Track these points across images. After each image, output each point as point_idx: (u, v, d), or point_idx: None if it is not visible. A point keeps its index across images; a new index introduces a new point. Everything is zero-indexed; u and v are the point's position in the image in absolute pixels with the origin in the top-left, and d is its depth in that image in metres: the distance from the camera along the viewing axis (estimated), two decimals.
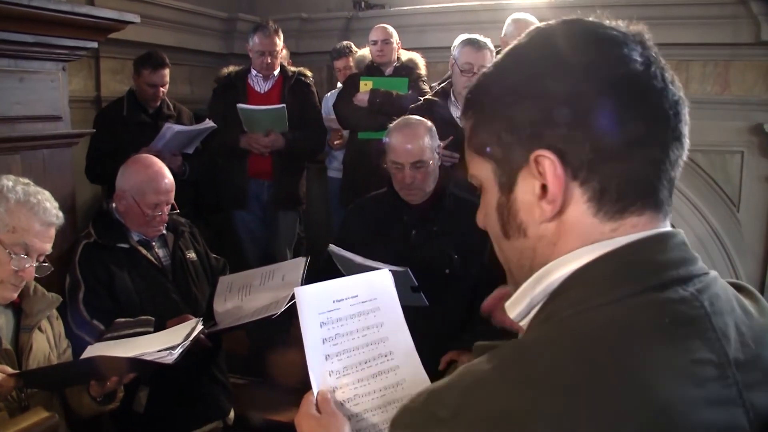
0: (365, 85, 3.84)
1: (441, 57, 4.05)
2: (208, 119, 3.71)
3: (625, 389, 0.59)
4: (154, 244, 2.49)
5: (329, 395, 1.12)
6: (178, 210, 2.53)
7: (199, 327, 2.13)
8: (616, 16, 0.75)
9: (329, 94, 4.61)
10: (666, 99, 0.70)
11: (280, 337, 3.23)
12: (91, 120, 3.73)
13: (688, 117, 0.72)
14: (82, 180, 3.51)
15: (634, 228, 0.70)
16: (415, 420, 0.66)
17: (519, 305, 0.76)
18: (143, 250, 2.42)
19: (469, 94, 0.80)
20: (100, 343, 2.09)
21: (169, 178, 2.44)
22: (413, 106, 3.29)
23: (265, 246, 4.02)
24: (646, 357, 0.61)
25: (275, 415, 3.19)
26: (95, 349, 2.01)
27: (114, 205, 2.43)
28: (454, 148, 2.97)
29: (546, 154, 0.69)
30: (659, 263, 0.68)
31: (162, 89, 3.71)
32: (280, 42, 3.81)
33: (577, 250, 0.71)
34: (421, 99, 3.39)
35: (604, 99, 0.68)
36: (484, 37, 3.21)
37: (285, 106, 3.71)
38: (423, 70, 3.96)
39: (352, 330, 1.19)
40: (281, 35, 3.83)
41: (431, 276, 2.28)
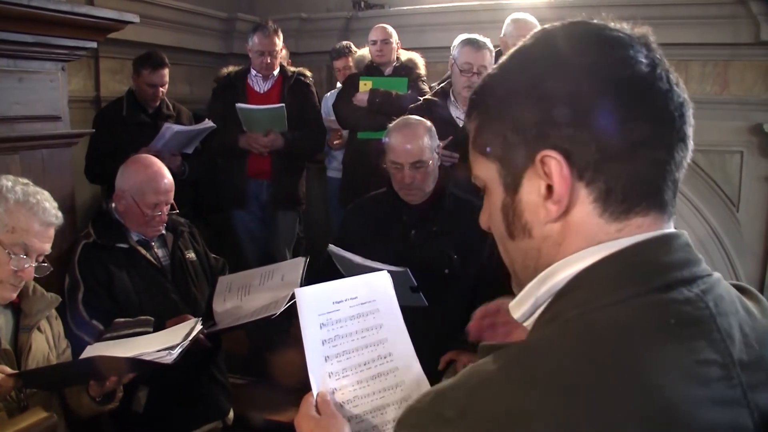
0: (365, 85, 3.84)
1: (440, 57, 4.05)
2: (207, 119, 3.71)
3: (631, 389, 0.59)
4: (154, 244, 2.49)
5: (329, 397, 1.12)
6: (178, 210, 2.53)
7: (198, 327, 2.13)
8: (615, 15, 0.75)
9: (329, 94, 4.61)
10: (671, 101, 0.70)
11: (280, 337, 3.23)
12: (91, 120, 3.73)
13: (692, 119, 0.72)
14: (81, 180, 3.51)
15: (639, 229, 0.70)
16: (421, 420, 0.66)
17: (523, 306, 0.76)
18: (142, 250, 2.42)
19: (474, 95, 0.80)
20: (99, 343, 2.09)
21: (168, 178, 2.44)
22: (413, 106, 3.29)
23: (264, 246, 4.01)
24: (651, 357, 0.61)
25: (275, 415, 3.19)
26: (94, 349, 2.01)
27: (113, 205, 2.43)
28: (453, 148, 2.97)
29: (552, 155, 0.69)
30: (664, 264, 0.68)
31: (161, 89, 3.71)
32: (279, 42, 3.81)
33: (582, 250, 0.71)
34: (421, 99, 3.39)
35: (611, 100, 0.68)
36: (483, 37, 3.21)
37: (284, 105, 3.70)
38: (422, 70, 3.96)
39: (351, 331, 1.18)
40: (281, 35, 3.83)
41: (431, 276, 2.28)
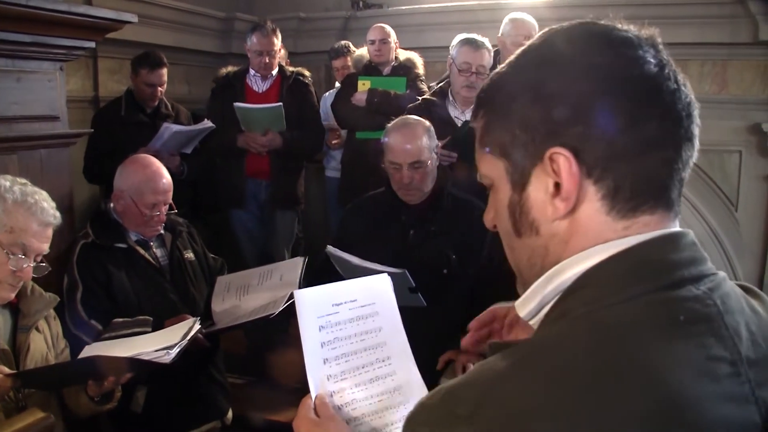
0: (363, 85, 3.84)
1: (439, 57, 4.05)
2: (206, 119, 3.71)
3: (642, 385, 0.60)
4: (152, 244, 2.48)
5: (327, 399, 1.12)
6: (176, 210, 2.53)
7: (197, 326, 2.13)
8: (614, 15, 0.76)
9: (327, 93, 4.61)
10: (679, 100, 0.71)
11: (278, 337, 3.23)
12: (89, 120, 3.73)
13: (698, 119, 0.73)
14: (80, 180, 3.51)
15: (646, 227, 0.71)
16: (432, 417, 0.65)
17: (530, 304, 0.76)
18: (141, 250, 2.42)
19: (482, 93, 0.80)
20: (97, 343, 2.09)
21: (167, 178, 2.43)
22: (411, 105, 3.29)
23: (263, 245, 4.01)
24: (661, 354, 0.62)
25: (274, 414, 3.19)
26: (93, 349, 2.01)
27: (112, 205, 2.43)
28: (451, 148, 2.97)
29: (561, 152, 0.69)
30: (671, 262, 0.68)
31: (160, 89, 3.71)
32: (278, 42, 3.80)
33: (589, 248, 0.71)
34: (419, 99, 3.39)
35: (620, 99, 0.69)
36: (482, 37, 3.21)
37: (281, 104, 3.70)
38: (421, 70, 3.96)
39: (350, 334, 1.18)
40: (279, 35, 3.82)
41: (429, 276, 2.28)
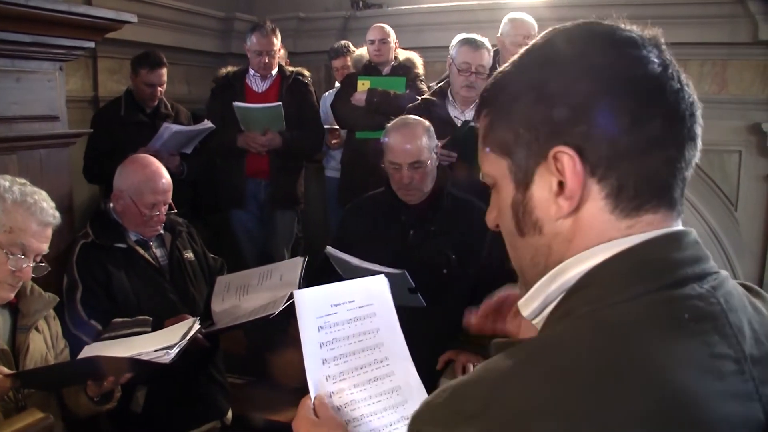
0: (363, 85, 3.84)
1: (438, 56, 4.04)
2: (206, 120, 3.71)
3: (647, 383, 0.60)
4: (152, 244, 2.48)
5: (326, 400, 1.12)
6: (176, 210, 2.53)
7: (196, 326, 2.13)
8: (614, 15, 0.76)
9: (327, 93, 4.61)
10: (683, 100, 0.71)
11: (278, 337, 3.23)
12: (89, 120, 3.73)
13: (701, 119, 0.73)
14: (79, 180, 3.51)
15: (650, 226, 0.71)
16: (438, 416, 0.65)
17: (533, 303, 0.76)
18: (141, 250, 2.42)
19: (485, 92, 0.80)
20: (97, 343, 2.09)
21: (166, 178, 2.43)
22: (411, 105, 3.29)
23: (262, 245, 4.01)
24: (666, 352, 0.62)
25: (273, 414, 3.19)
26: (92, 349, 2.01)
27: (111, 205, 2.43)
28: (451, 148, 2.97)
29: (565, 150, 0.70)
30: (674, 261, 0.69)
31: (160, 89, 3.70)
32: (277, 42, 3.80)
33: (593, 247, 0.71)
34: (419, 98, 3.39)
35: (624, 98, 0.69)
36: (481, 37, 3.21)
37: (281, 104, 3.70)
38: (420, 70, 3.96)
39: (348, 335, 1.19)
40: (279, 35, 3.82)
41: (429, 276, 2.28)
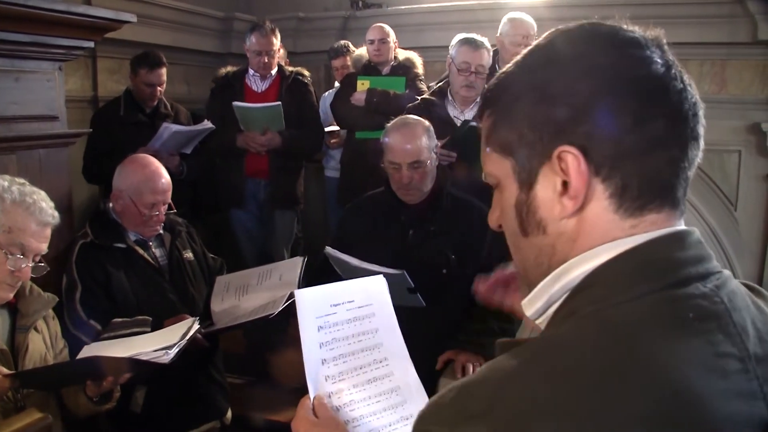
0: (362, 85, 3.83)
1: (438, 56, 4.04)
2: (206, 120, 3.71)
3: (651, 382, 0.60)
4: (151, 244, 2.48)
5: (326, 400, 1.12)
6: (175, 210, 2.53)
7: (196, 326, 2.13)
8: (613, 15, 0.76)
9: (327, 93, 4.60)
10: (686, 100, 0.71)
11: (278, 337, 3.22)
12: (88, 120, 3.72)
13: (704, 119, 0.73)
14: (79, 180, 3.51)
15: (653, 225, 0.71)
16: (445, 415, 0.65)
17: (536, 303, 0.76)
18: (140, 250, 2.42)
19: (488, 92, 0.80)
20: (96, 343, 2.09)
21: (165, 178, 2.43)
22: (410, 105, 3.29)
23: (262, 245, 4.01)
24: (670, 351, 0.62)
25: (273, 414, 3.19)
26: (92, 349, 2.01)
27: (111, 205, 2.43)
28: (451, 148, 2.97)
29: (570, 150, 0.70)
30: (678, 261, 0.69)
31: (159, 89, 3.70)
32: (277, 41, 3.80)
33: (597, 247, 0.71)
34: (419, 98, 3.39)
35: (628, 98, 0.69)
36: (481, 37, 3.21)
37: (280, 104, 3.70)
38: (420, 70, 3.96)
39: (348, 335, 1.19)
40: (278, 35, 3.82)
41: (428, 276, 2.28)
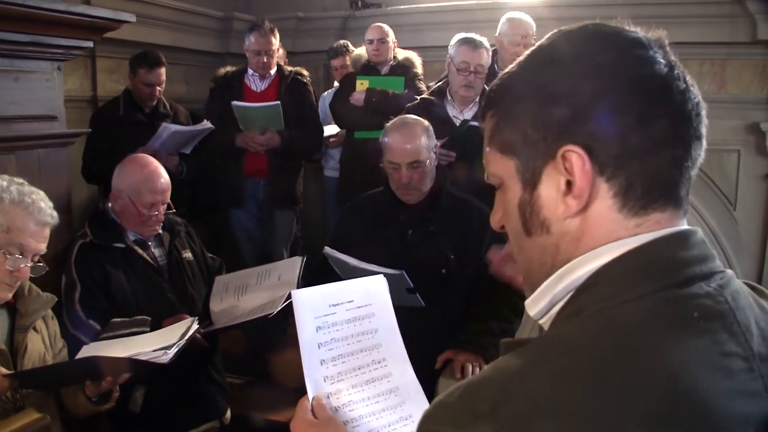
0: (361, 84, 3.83)
1: (437, 56, 4.04)
2: (205, 120, 3.70)
3: (657, 381, 0.60)
4: (150, 244, 2.48)
5: (324, 400, 1.12)
6: (175, 210, 2.52)
7: (195, 326, 2.13)
8: (613, 14, 0.76)
9: (326, 93, 4.60)
10: (689, 100, 0.72)
11: (277, 337, 3.22)
12: (87, 120, 3.72)
13: (706, 119, 0.74)
14: (78, 180, 3.50)
15: (657, 224, 0.71)
16: (451, 414, 0.65)
17: (540, 302, 0.76)
18: (139, 250, 2.42)
19: (491, 93, 0.80)
20: (95, 343, 2.09)
21: (165, 178, 2.43)
22: (410, 105, 3.28)
23: (261, 245, 4.01)
24: (675, 350, 0.62)
25: (272, 414, 3.18)
26: (91, 349, 2.01)
27: (110, 204, 2.43)
28: (450, 147, 2.97)
29: (574, 149, 0.70)
30: (682, 260, 0.69)
31: (158, 88, 3.70)
32: (276, 41, 3.80)
33: (601, 246, 0.71)
34: (418, 98, 3.39)
35: (632, 97, 0.70)
36: (480, 37, 3.21)
37: (279, 103, 3.70)
38: (419, 69, 3.95)
39: (347, 335, 1.18)
40: (277, 34, 3.82)
41: (428, 276, 2.28)
